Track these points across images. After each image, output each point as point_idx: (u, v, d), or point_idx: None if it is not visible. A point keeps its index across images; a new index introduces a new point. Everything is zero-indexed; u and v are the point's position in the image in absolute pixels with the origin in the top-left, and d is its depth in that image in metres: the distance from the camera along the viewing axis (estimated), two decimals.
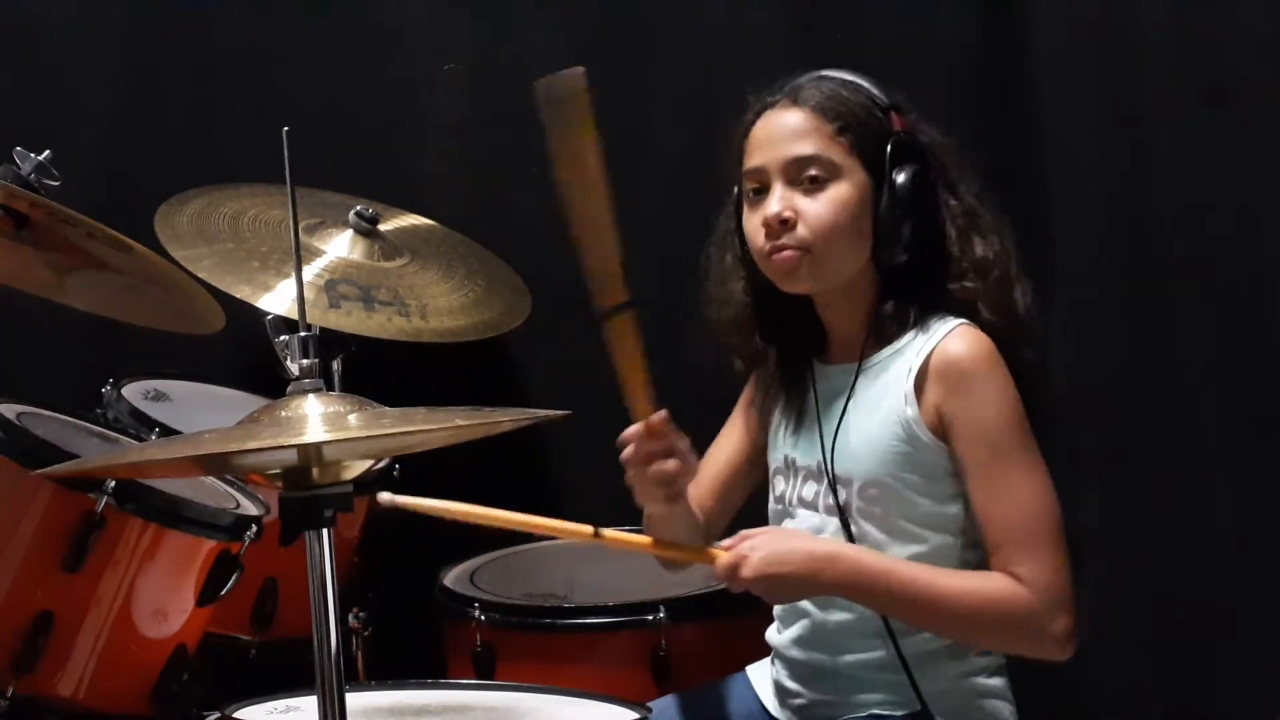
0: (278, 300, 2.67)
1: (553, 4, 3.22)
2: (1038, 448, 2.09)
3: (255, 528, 2.54)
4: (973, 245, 2.14)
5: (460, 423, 1.77)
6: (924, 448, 2.10)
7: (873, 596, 2.08)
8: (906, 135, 2.14)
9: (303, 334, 1.75)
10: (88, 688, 2.43)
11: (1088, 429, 2.86)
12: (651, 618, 2.50)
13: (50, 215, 2.47)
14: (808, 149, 2.13)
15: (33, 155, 2.64)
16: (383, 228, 2.96)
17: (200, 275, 2.66)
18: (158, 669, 2.50)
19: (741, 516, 2.30)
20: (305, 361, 1.74)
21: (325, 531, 1.68)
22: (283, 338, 1.77)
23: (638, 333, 2.06)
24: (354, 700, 1.87)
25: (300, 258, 1.85)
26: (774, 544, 2.08)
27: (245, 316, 2.66)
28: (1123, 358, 2.85)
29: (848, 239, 2.12)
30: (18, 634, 2.37)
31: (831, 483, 2.15)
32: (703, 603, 2.54)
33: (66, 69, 3.27)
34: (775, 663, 2.27)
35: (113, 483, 2.38)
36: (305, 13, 3.31)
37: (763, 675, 2.30)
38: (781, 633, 2.25)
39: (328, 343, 2.65)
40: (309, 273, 2.77)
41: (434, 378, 3.03)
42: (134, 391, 2.91)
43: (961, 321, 2.12)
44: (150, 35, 3.29)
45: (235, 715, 2.07)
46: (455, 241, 3.08)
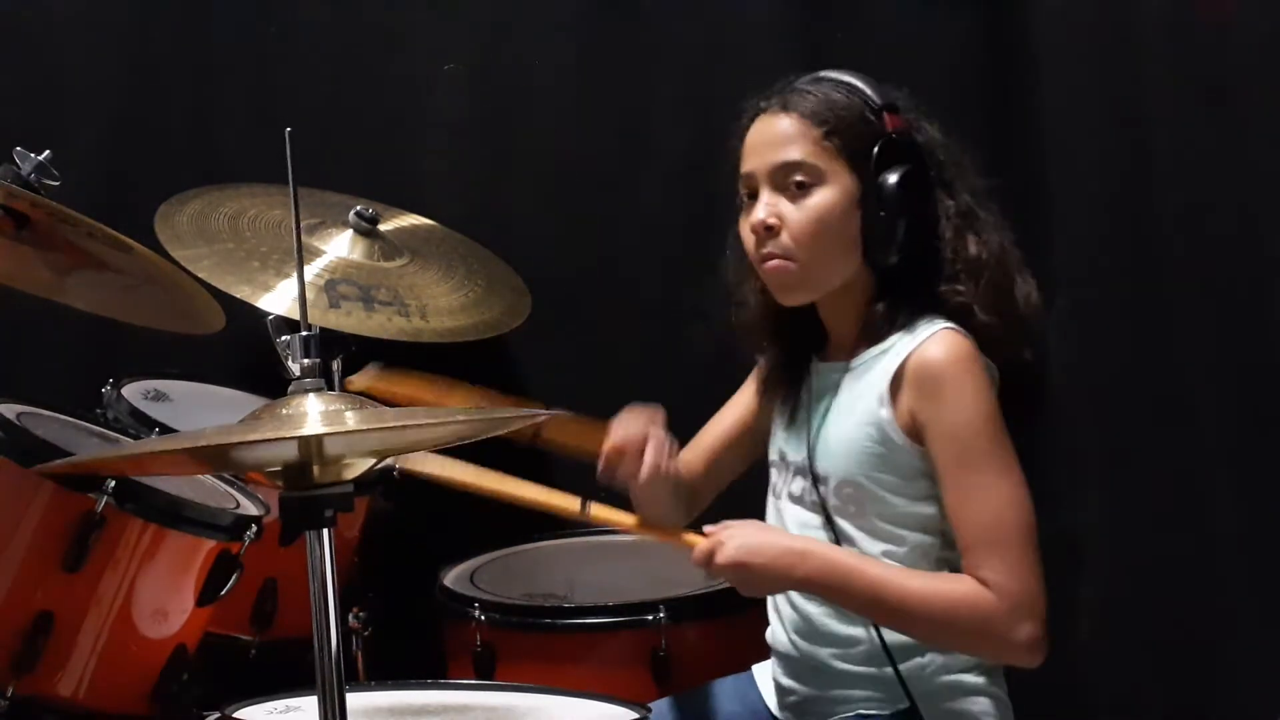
0: (278, 300, 2.67)
1: (553, 4, 3.22)
2: (1013, 453, 2.09)
3: (255, 528, 2.54)
4: (967, 245, 2.14)
5: (461, 421, 1.77)
6: (898, 449, 2.11)
7: (842, 594, 2.11)
8: (899, 135, 2.14)
9: (303, 334, 1.75)
10: (88, 688, 2.43)
11: (1088, 429, 2.86)
12: (651, 618, 2.50)
13: (50, 215, 2.46)
14: (793, 155, 2.14)
15: (33, 155, 2.64)
16: (383, 228, 2.96)
17: (200, 275, 2.66)
18: (158, 669, 2.50)
19: (738, 509, 2.30)
20: (306, 361, 1.74)
21: (325, 531, 1.68)
22: (284, 337, 1.77)
23: (564, 426, 2.25)
24: (354, 700, 1.87)
25: (302, 257, 1.85)
26: (751, 535, 2.12)
27: (245, 316, 2.66)
28: (1123, 358, 2.85)
29: (833, 244, 2.13)
30: (18, 634, 2.37)
31: (814, 480, 2.17)
32: (703, 603, 2.54)
33: (66, 69, 3.27)
34: (774, 662, 2.28)
35: (113, 482, 2.38)
36: (305, 13, 3.31)
37: (765, 675, 2.31)
38: (776, 631, 2.26)
39: (328, 343, 2.65)
40: (309, 273, 2.77)
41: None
42: (134, 391, 2.91)
43: (946, 325, 2.12)
44: (150, 35, 3.29)
45: (235, 715, 2.07)
46: (455, 241, 3.08)
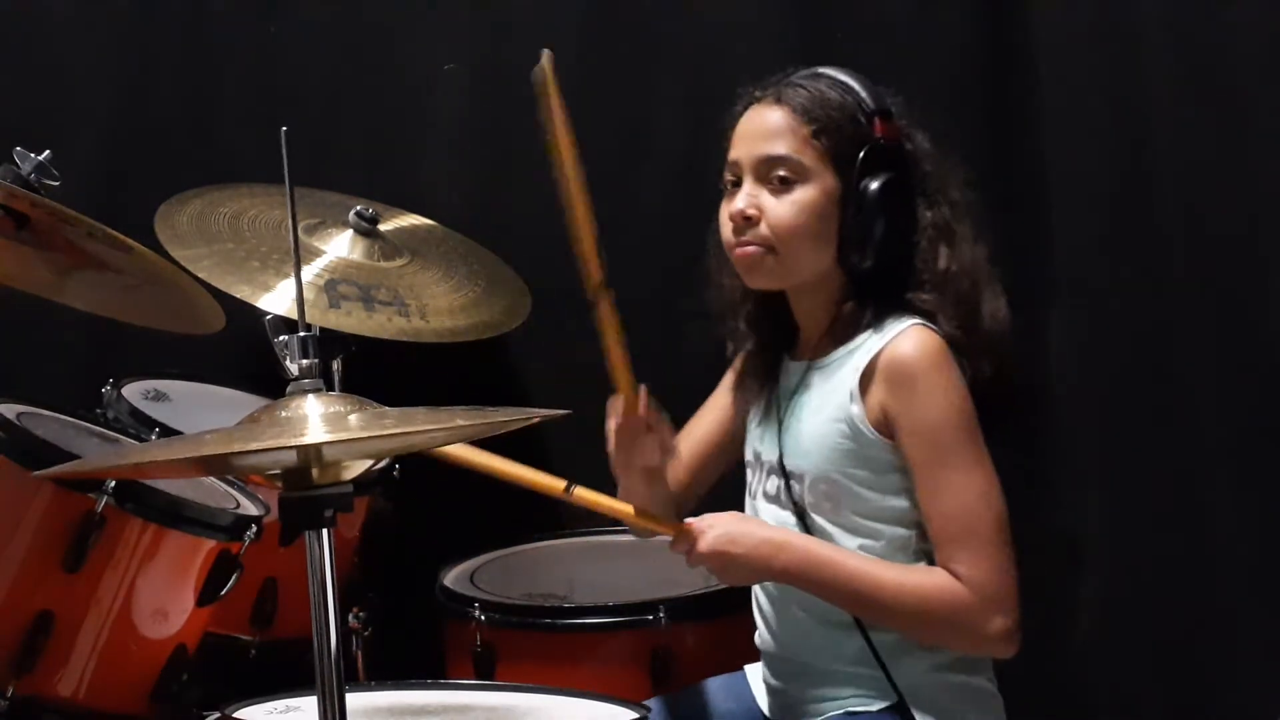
0: (278, 300, 2.67)
1: (553, 4, 3.22)
2: (983, 447, 2.11)
3: (255, 528, 2.54)
4: (938, 257, 2.16)
5: (460, 422, 1.77)
6: (869, 444, 2.12)
7: (819, 586, 2.13)
8: (886, 142, 2.16)
9: (302, 334, 1.75)
10: (88, 688, 2.43)
11: (1088, 429, 2.86)
12: (651, 618, 2.51)
13: (50, 215, 2.46)
14: (780, 149, 2.15)
15: (33, 155, 2.64)
16: (383, 228, 2.96)
17: (200, 275, 2.66)
18: (158, 669, 2.50)
19: (724, 505, 2.30)
20: (305, 361, 1.74)
21: (325, 531, 1.68)
22: (282, 338, 1.77)
23: (616, 313, 2.18)
24: (354, 700, 1.87)
25: (300, 258, 1.85)
26: (731, 524, 2.15)
27: (245, 316, 2.66)
28: (1122, 358, 2.85)
29: (809, 241, 2.15)
30: (18, 634, 2.37)
31: (785, 478, 2.18)
32: (703, 603, 2.54)
33: (66, 69, 3.27)
34: (763, 665, 2.30)
35: (113, 483, 2.38)
36: (305, 12, 3.30)
37: (757, 676, 2.32)
38: (762, 633, 2.28)
39: (328, 343, 2.65)
40: (309, 273, 2.77)
41: (434, 378, 3.03)
42: (134, 391, 2.91)
43: (915, 321, 2.14)
44: (150, 35, 3.29)
45: (235, 715, 2.07)
46: (455, 241, 3.08)
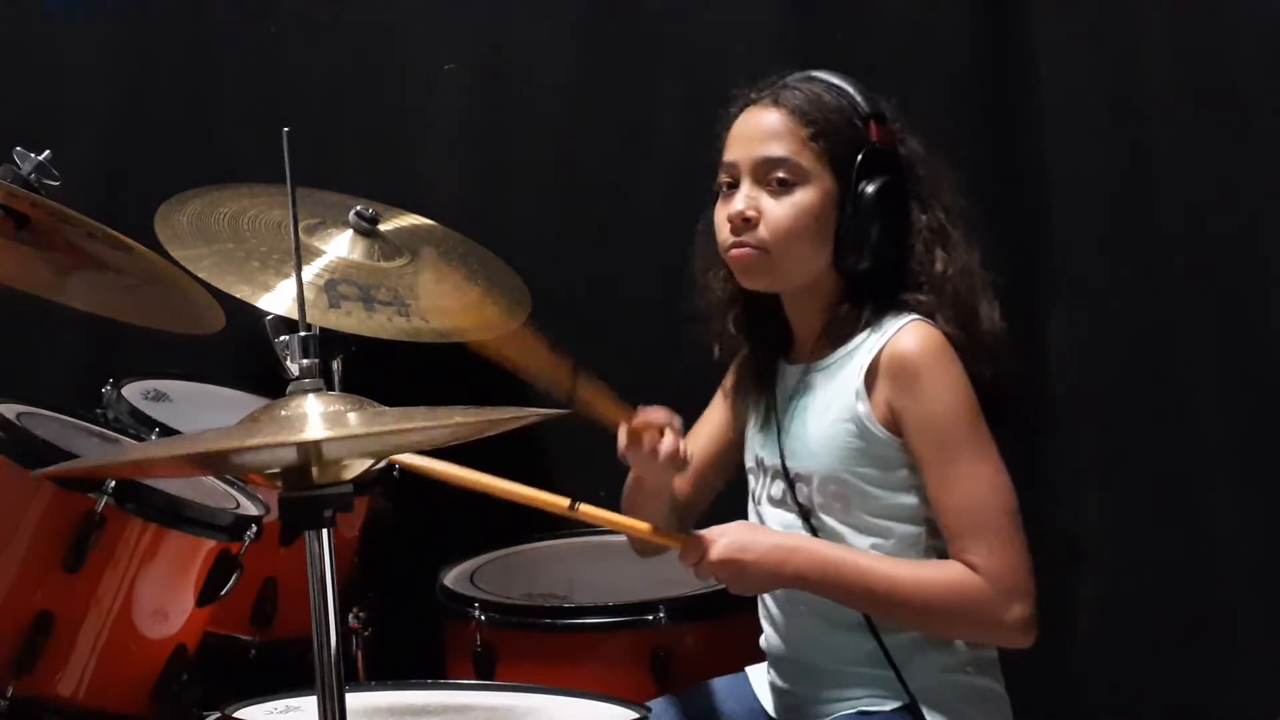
0: (278, 300, 2.66)
1: (553, 4, 3.22)
2: (990, 438, 2.12)
3: (255, 528, 2.54)
4: (934, 261, 2.17)
5: (459, 421, 1.77)
6: (877, 442, 2.13)
7: (833, 588, 2.13)
8: (882, 146, 2.16)
9: (303, 334, 1.75)
10: (88, 688, 2.43)
11: (1088, 429, 2.86)
12: (651, 618, 2.51)
13: (50, 215, 2.46)
14: (778, 151, 2.16)
15: (33, 155, 2.64)
16: (383, 228, 2.96)
17: (200, 275, 2.65)
18: (158, 669, 2.50)
19: (724, 515, 2.31)
20: (305, 361, 1.74)
21: (325, 531, 1.68)
22: (283, 338, 1.77)
23: (592, 383, 2.19)
24: (354, 700, 1.87)
25: (300, 258, 1.85)
26: (741, 533, 2.15)
27: (245, 316, 2.66)
28: (1123, 358, 2.85)
29: (806, 244, 2.16)
30: (18, 634, 2.37)
31: (790, 481, 2.18)
32: (703, 603, 2.54)
33: (66, 69, 3.27)
34: (769, 667, 2.29)
35: (113, 483, 2.38)
36: (305, 12, 3.30)
37: (761, 678, 2.31)
38: (769, 635, 2.27)
39: (328, 343, 2.65)
40: (309, 273, 2.76)
41: (434, 378, 3.03)
42: (134, 391, 2.91)
43: (914, 317, 2.14)
44: (150, 35, 3.29)
45: (235, 715, 2.07)
46: (455, 241, 3.08)
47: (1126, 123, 2.84)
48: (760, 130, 2.18)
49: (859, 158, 2.14)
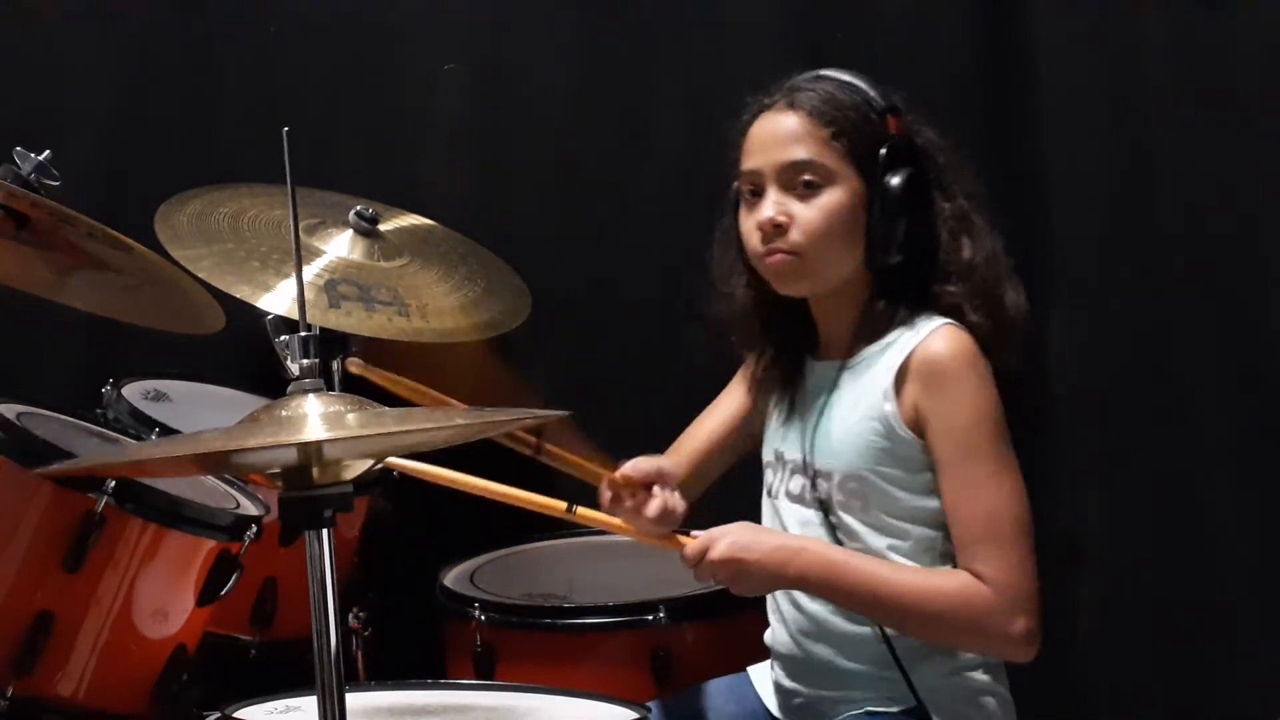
0: (278, 300, 2.66)
1: (553, 4, 3.22)
2: (1012, 450, 2.11)
3: (255, 528, 2.54)
4: (961, 248, 2.16)
5: (460, 422, 1.77)
6: (902, 443, 2.12)
7: (836, 591, 2.12)
8: (901, 139, 2.15)
9: (303, 334, 1.75)
10: (88, 688, 2.43)
11: (1088, 429, 2.87)
12: (651, 618, 2.50)
13: (50, 215, 2.46)
14: (802, 154, 2.14)
15: (33, 155, 2.64)
16: (383, 228, 2.96)
17: (200, 275, 2.65)
18: (158, 669, 2.50)
19: (734, 511, 2.30)
20: (305, 361, 1.74)
21: (325, 531, 1.68)
22: (283, 338, 1.77)
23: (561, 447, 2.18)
24: (354, 700, 1.87)
25: (300, 258, 1.85)
26: (743, 533, 2.13)
27: (245, 316, 2.66)
28: (1123, 358, 2.85)
29: (840, 243, 2.15)
30: (18, 634, 2.37)
31: (812, 477, 2.17)
32: (703, 603, 2.54)
33: (66, 69, 3.27)
34: (774, 665, 2.28)
35: (113, 482, 2.38)
36: (305, 13, 3.30)
37: (763, 677, 2.31)
38: (776, 631, 2.26)
39: (328, 343, 2.65)
40: (309, 273, 2.76)
41: (433, 378, 3.02)
42: (134, 391, 2.91)
43: (947, 321, 2.14)
44: (150, 35, 3.29)
45: (235, 715, 2.07)
46: (455, 241, 3.08)
47: (1126, 123, 2.84)
48: (780, 135, 2.16)
49: (882, 153, 2.13)
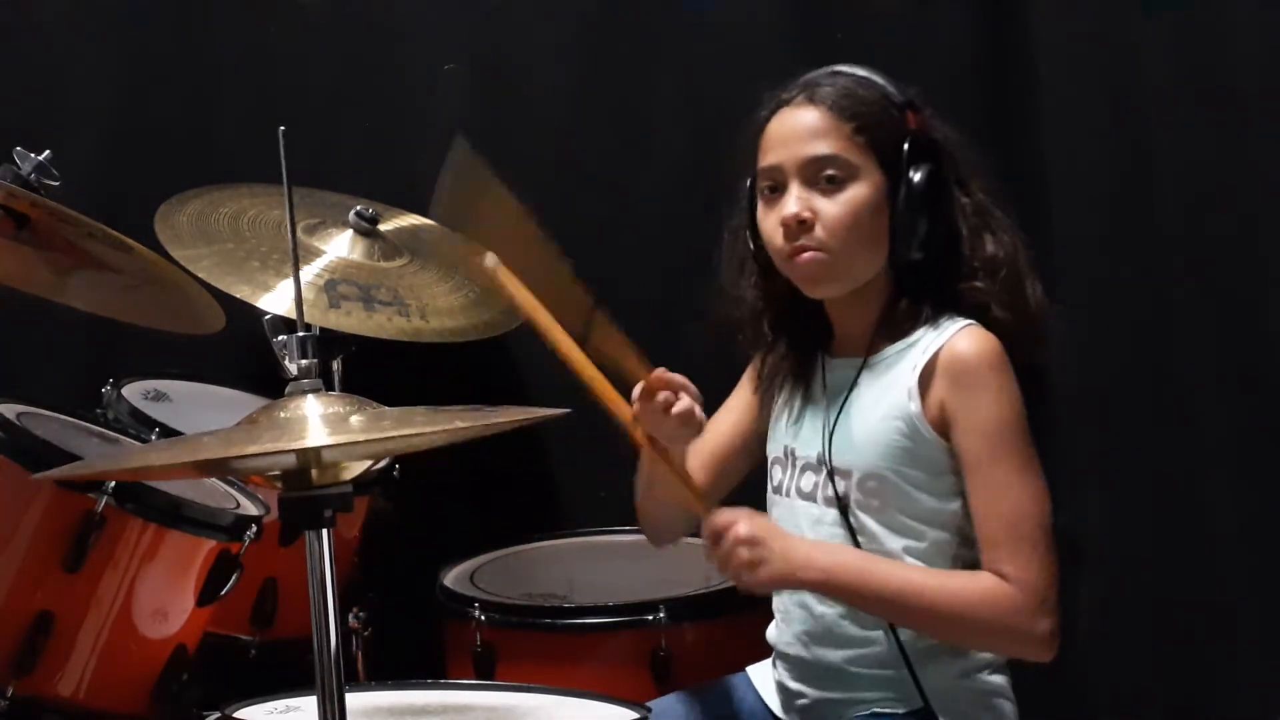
0: (278, 300, 2.67)
1: (553, 4, 3.22)
2: (1035, 451, 2.10)
3: (255, 528, 2.54)
4: (984, 243, 2.15)
5: (460, 423, 1.77)
6: (926, 443, 2.10)
7: (862, 591, 2.09)
8: (922, 134, 2.13)
9: (302, 334, 1.75)
10: (88, 688, 2.43)
11: (1088, 429, 2.86)
12: (651, 618, 2.50)
13: (50, 215, 2.47)
14: (825, 149, 2.12)
15: (33, 155, 2.64)
16: (383, 228, 2.96)
17: (200, 275, 2.66)
18: (158, 669, 2.50)
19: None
20: (304, 361, 1.74)
21: (325, 531, 1.68)
22: (282, 338, 1.77)
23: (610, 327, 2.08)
24: (354, 700, 1.87)
25: (298, 257, 1.85)
26: (768, 523, 2.11)
27: (245, 316, 2.66)
28: (1123, 358, 2.85)
29: (865, 240, 2.12)
30: (18, 634, 2.37)
31: (830, 474, 2.16)
32: (703, 603, 2.54)
33: (66, 69, 3.27)
34: (777, 664, 2.27)
35: (113, 482, 2.38)
36: (305, 12, 3.30)
37: (764, 676, 2.29)
38: (782, 631, 2.25)
39: (328, 343, 2.65)
40: (309, 273, 2.77)
41: (434, 378, 3.03)
42: (134, 391, 2.91)
43: (970, 321, 2.12)
44: (150, 35, 3.28)
45: (235, 715, 2.07)
46: (455, 241, 3.08)
47: (1126, 123, 2.84)
48: (802, 130, 2.14)
49: (905, 148, 2.11)
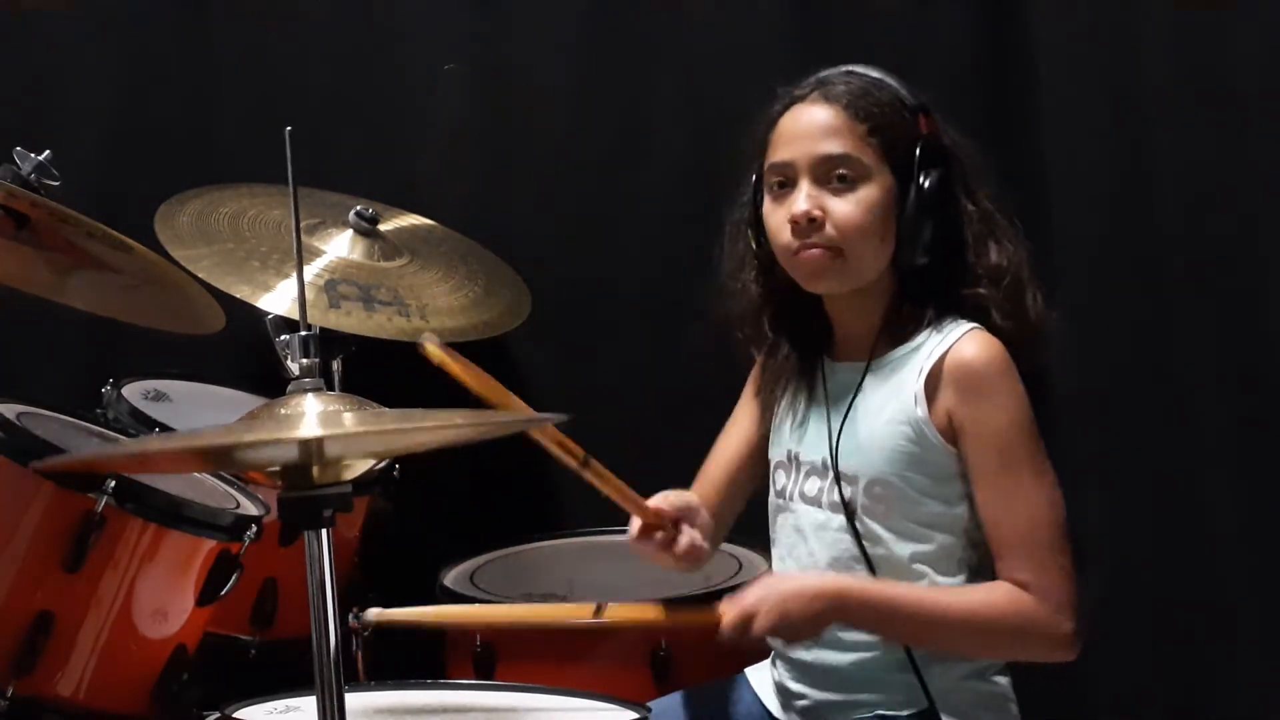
0: (278, 300, 2.67)
1: (553, 4, 3.22)
2: (1046, 454, 2.10)
3: (255, 528, 2.54)
4: (988, 251, 2.15)
5: (460, 423, 1.77)
6: (932, 449, 2.10)
7: (886, 625, 2.08)
8: (933, 139, 2.13)
9: (303, 333, 1.75)
10: (88, 688, 2.43)
11: (1088, 429, 2.86)
12: None
13: (50, 215, 2.47)
14: (838, 148, 2.11)
15: (33, 155, 2.64)
16: (383, 228, 2.96)
17: (200, 275, 2.66)
18: (158, 669, 2.50)
19: (746, 512, 2.30)
20: (305, 361, 1.74)
21: (325, 531, 1.68)
22: (283, 337, 1.77)
23: (605, 470, 2.09)
24: (354, 700, 1.87)
25: (301, 257, 1.86)
26: (774, 593, 2.06)
27: (245, 316, 2.66)
28: (1122, 358, 2.85)
29: (874, 241, 2.12)
30: (18, 634, 2.37)
31: (836, 479, 2.15)
32: (702, 603, 2.54)
33: (66, 69, 3.27)
34: (777, 664, 2.26)
35: (113, 482, 2.38)
36: (305, 12, 3.30)
37: (763, 677, 2.29)
38: None
39: (328, 343, 2.65)
40: (309, 273, 2.77)
41: (434, 378, 3.02)
42: (134, 391, 2.91)
43: (974, 325, 2.12)
44: (150, 35, 3.29)
45: (235, 715, 2.07)
46: (455, 241, 3.08)
47: (1126, 123, 2.84)
48: (815, 127, 2.13)
49: (917, 152, 2.11)
